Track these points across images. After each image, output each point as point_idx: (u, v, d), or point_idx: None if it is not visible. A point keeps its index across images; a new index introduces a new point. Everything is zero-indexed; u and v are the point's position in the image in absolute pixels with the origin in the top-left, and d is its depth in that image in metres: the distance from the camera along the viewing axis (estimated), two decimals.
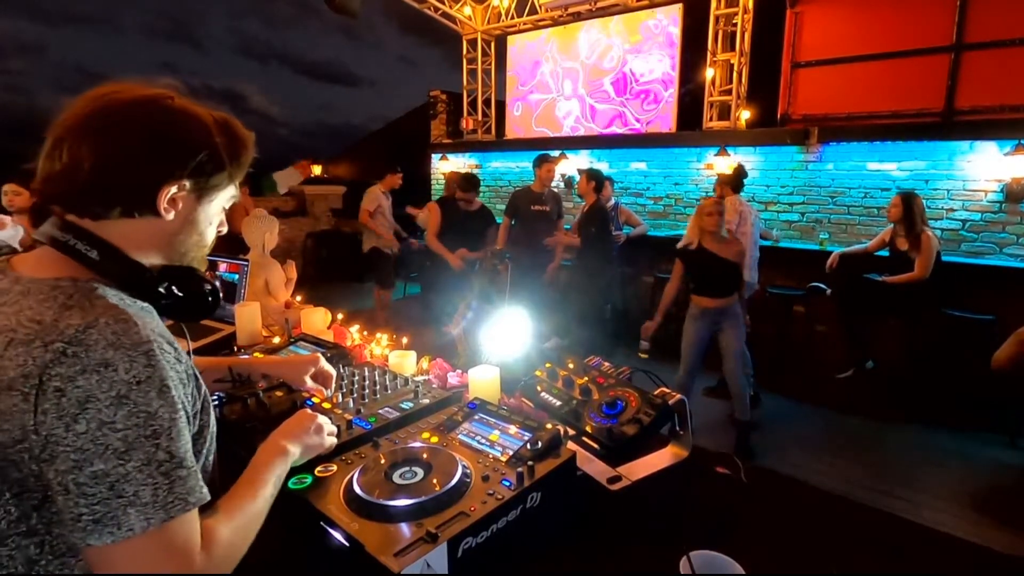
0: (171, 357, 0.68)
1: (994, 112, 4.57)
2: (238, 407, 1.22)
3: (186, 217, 0.76)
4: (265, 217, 2.52)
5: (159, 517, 0.61)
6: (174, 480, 0.63)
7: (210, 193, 0.78)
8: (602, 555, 0.98)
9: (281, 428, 0.93)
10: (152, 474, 0.62)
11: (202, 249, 0.82)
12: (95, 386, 0.60)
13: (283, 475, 0.85)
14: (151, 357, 0.64)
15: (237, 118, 0.80)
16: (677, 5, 6.20)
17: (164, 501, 0.62)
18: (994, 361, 2.18)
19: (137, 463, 0.61)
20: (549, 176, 4.70)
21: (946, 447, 3.39)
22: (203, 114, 0.75)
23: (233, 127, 0.78)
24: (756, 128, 5.86)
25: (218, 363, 1.22)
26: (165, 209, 0.73)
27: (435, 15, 7.52)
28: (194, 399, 0.73)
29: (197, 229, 0.79)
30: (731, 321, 3.22)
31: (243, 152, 0.80)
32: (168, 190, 0.72)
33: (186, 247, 0.79)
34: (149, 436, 0.62)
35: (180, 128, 0.72)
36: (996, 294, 3.90)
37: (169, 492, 0.62)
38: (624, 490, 1.08)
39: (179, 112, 0.73)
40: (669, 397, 1.18)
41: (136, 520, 0.60)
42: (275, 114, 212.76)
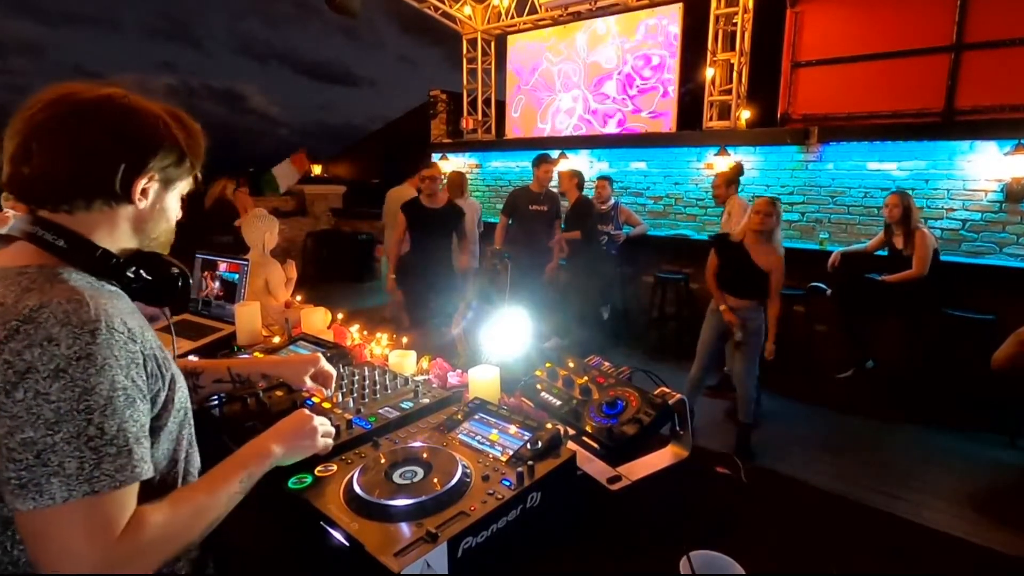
0: (123, 337, 0.70)
1: (994, 112, 4.57)
2: (238, 407, 1.22)
3: (154, 205, 0.83)
4: (265, 217, 2.52)
5: (81, 490, 0.63)
6: (103, 456, 0.65)
7: (175, 182, 0.84)
8: (602, 555, 0.97)
9: (274, 427, 0.93)
10: (80, 447, 0.64)
11: (169, 233, 0.88)
12: (36, 358, 0.63)
13: (258, 475, 0.85)
14: (96, 335, 0.67)
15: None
16: (677, 5, 6.20)
17: (89, 475, 0.64)
18: (994, 361, 2.18)
19: (65, 435, 0.63)
20: (547, 177, 4.70)
21: (946, 447, 3.39)
22: (158, 110, 0.80)
23: (184, 120, 0.84)
24: (756, 128, 5.86)
25: (218, 364, 1.22)
26: (139, 199, 0.79)
27: (435, 15, 7.52)
28: (155, 379, 0.75)
29: (165, 216, 0.86)
30: (748, 325, 3.19)
31: (199, 142, 0.86)
32: (141, 182, 0.78)
33: (157, 232, 0.86)
34: (82, 411, 0.64)
35: (145, 124, 0.78)
36: (996, 294, 3.90)
37: (96, 467, 0.64)
38: (624, 490, 1.08)
39: (140, 110, 0.78)
40: (669, 397, 1.18)
41: (57, 490, 0.62)
42: (275, 114, 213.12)
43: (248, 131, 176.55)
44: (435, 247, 3.99)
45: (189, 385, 1.16)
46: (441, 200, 4.05)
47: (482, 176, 7.92)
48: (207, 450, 0.91)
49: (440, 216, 3.99)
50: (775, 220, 3.08)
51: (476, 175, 7.90)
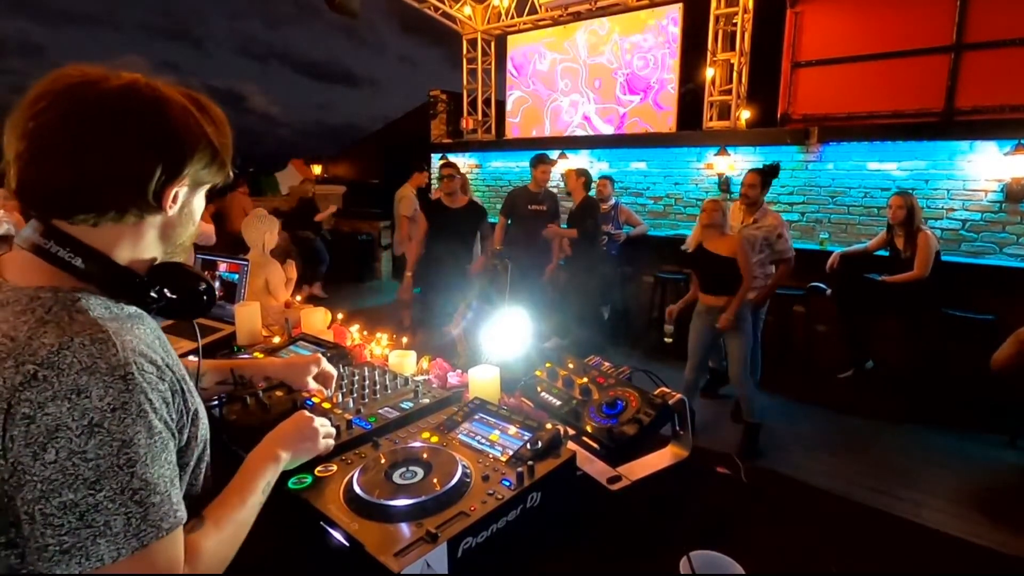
0: (153, 377, 0.65)
1: (994, 112, 4.57)
2: (238, 407, 1.22)
3: (183, 209, 0.75)
4: (265, 217, 2.52)
5: (131, 546, 0.59)
6: (148, 508, 0.61)
7: (204, 183, 0.77)
8: (602, 555, 0.97)
9: (276, 431, 0.92)
10: (125, 503, 0.59)
11: (192, 238, 0.81)
12: (66, 414, 0.57)
13: (273, 481, 0.85)
14: (129, 381, 0.61)
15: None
16: (677, 5, 6.20)
17: (137, 530, 0.60)
18: (993, 361, 2.18)
19: (109, 492, 0.58)
20: (545, 177, 4.69)
21: (946, 447, 3.39)
22: (184, 100, 0.71)
23: (210, 109, 0.75)
24: (756, 128, 5.86)
25: (220, 365, 1.22)
26: (169, 206, 0.71)
27: (435, 15, 7.52)
28: (181, 414, 0.70)
29: (192, 219, 0.78)
30: (738, 323, 3.19)
31: (227, 135, 0.76)
32: (174, 188, 0.70)
33: (183, 237, 0.78)
34: (123, 465, 0.60)
35: (179, 122, 0.69)
36: (996, 294, 3.90)
37: (143, 521, 0.60)
38: (624, 490, 1.08)
39: (170, 102, 0.69)
40: (669, 397, 1.18)
41: (106, 550, 0.58)
42: (275, 114, 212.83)
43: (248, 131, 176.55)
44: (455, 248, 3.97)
45: None
46: (462, 200, 4.04)
47: (482, 176, 7.92)
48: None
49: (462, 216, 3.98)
50: (720, 215, 3.18)
51: (476, 175, 7.90)
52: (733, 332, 3.20)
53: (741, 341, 3.19)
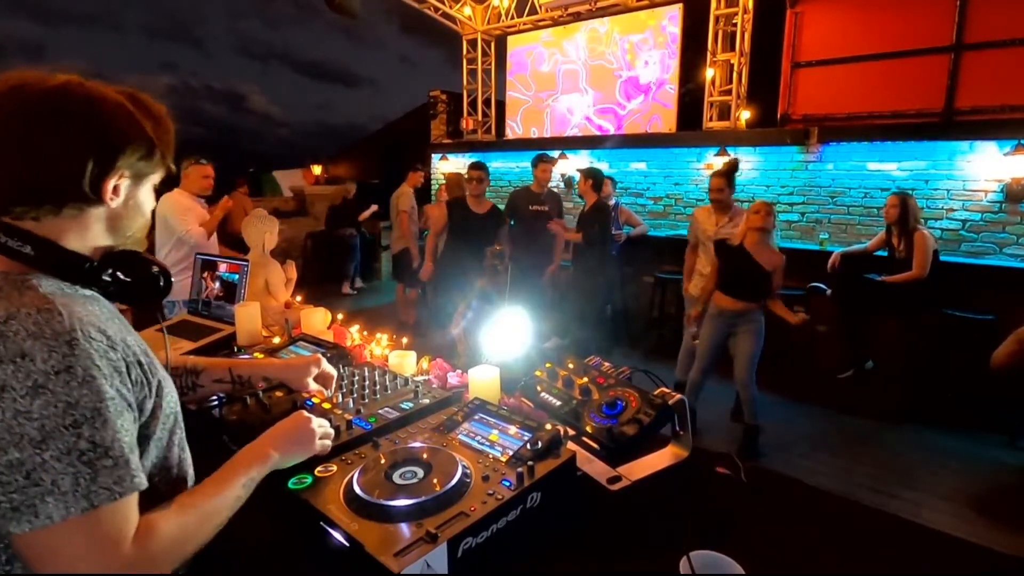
0: (102, 345, 0.67)
1: (994, 112, 4.57)
2: (238, 407, 1.22)
3: (128, 201, 0.78)
4: (265, 217, 2.52)
5: (80, 506, 0.61)
6: (98, 470, 0.63)
7: (146, 175, 0.79)
8: (602, 555, 0.97)
9: (272, 430, 0.92)
10: (72, 463, 0.61)
11: (144, 228, 0.84)
12: (11, 376, 0.60)
13: (258, 479, 0.84)
14: (74, 346, 0.64)
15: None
16: (677, 5, 6.20)
17: (87, 490, 0.62)
18: (993, 360, 2.18)
19: (55, 452, 0.61)
20: (545, 176, 4.69)
21: (946, 447, 3.39)
22: (120, 97, 0.75)
23: (149, 105, 0.78)
24: (756, 128, 5.86)
25: (219, 363, 1.22)
26: (110, 199, 0.74)
27: (435, 15, 7.53)
28: (140, 385, 0.72)
29: (140, 211, 0.81)
30: (748, 327, 3.17)
31: (168, 130, 0.80)
32: (111, 181, 0.73)
33: (132, 229, 0.81)
34: (69, 426, 0.62)
35: (111, 117, 0.72)
36: (996, 294, 3.90)
37: (92, 481, 0.62)
38: (624, 490, 1.08)
39: (102, 99, 0.73)
40: (669, 397, 1.18)
41: (54, 509, 0.60)
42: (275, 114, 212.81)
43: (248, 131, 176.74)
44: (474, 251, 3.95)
45: (188, 383, 1.16)
46: (487, 204, 4.03)
47: None
48: (207, 450, 0.91)
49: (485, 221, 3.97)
50: (773, 220, 3.10)
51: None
52: (745, 334, 3.18)
53: (752, 343, 3.17)
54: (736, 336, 3.23)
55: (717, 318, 3.27)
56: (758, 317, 3.18)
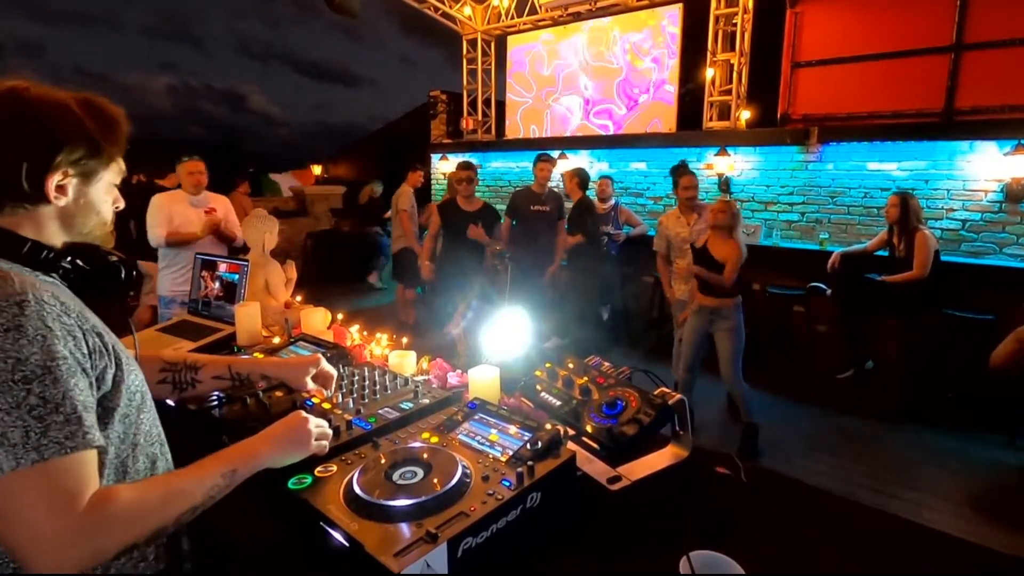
0: (55, 309, 0.70)
1: (994, 112, 4.57)
2: (238, 407, 1.22)
3: (77, 200, 0.80)
4: (265, 217, 2.52)
5: (30, 458, 0.63)
6: (49, 424, 0.65)
7: (95, 174, 0.81)
8: (602, 555, 0.98)
9: (269, 429, 0.93)
10: (22, 416, 0.63)
11: (103, 226, 0.85)
12: None
13: (244, 475, 0.84)
14: (24, 307, 0.67)
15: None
16: (677, 5, 6.20)
17: (36, 443, 0.63)
18: (993, 359, 2.18)
19: (4, 405, 0.63)
20: (545, 175, 4.69)
21: (946, 447, 3.39)
22: (66, 99, 0.77)
23: (99, 106, 0.80)
24: (756, 128, 5.86)
25: (219, 360, 1.22)
26: (55, 197, 0.76)
27: (435, 15, 7.52)
28: (99, 355, 0.74)
29: (94, 209, 0.82)
30: (723, 323, 3.21)
31: (115, 130, 0.81)
32: (52, 179, 0.75)
33: (87, 227, 0.83)
34: (18, 381, 0.64)
35: (50, 118, 0.75)
36: (996, 294, 3.90)
37: (43, 435, 0.64)
38: (624, 490, 1.08)
39: (43, 102, 0.75)
40: (669, 397, 1.18)
41: (4, 460, 0.62)
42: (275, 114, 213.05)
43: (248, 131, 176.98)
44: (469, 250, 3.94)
45: (187, 379, 1.17)
46: (477, 202, 4.02)
47: (482, 176, 7.90)
48: (207, 450, 0.91)
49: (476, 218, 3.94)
50: (728, 217, 3.15)
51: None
52: (723, 332, 3.21)
53: (731, 340, 3.20)
54: (716, 334, 3.26)
55: (696, 314, 3.33)
56: (733, 314, 3.21)
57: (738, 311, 3.22)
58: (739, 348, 3.22)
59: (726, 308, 3.20)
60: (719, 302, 3.20)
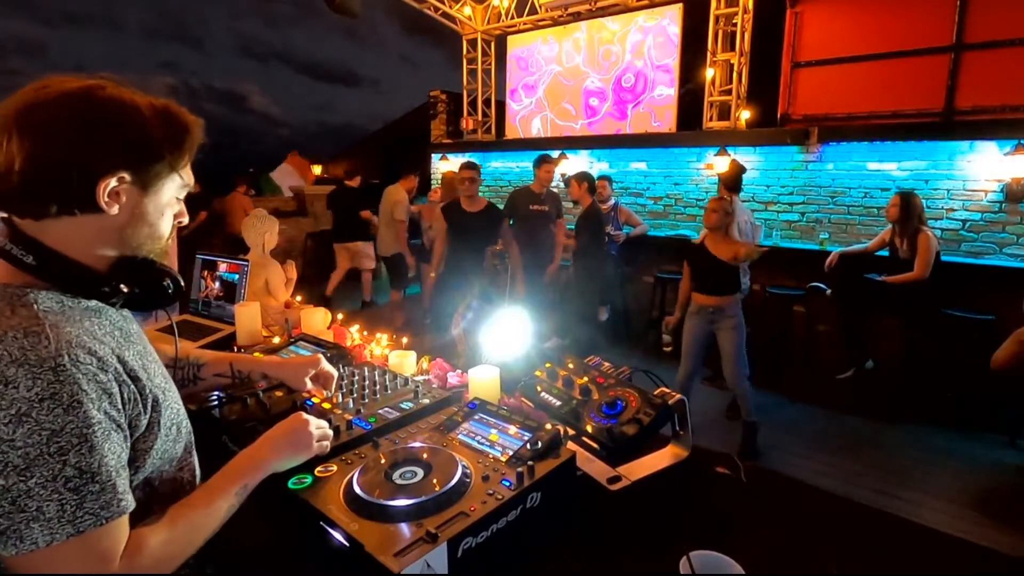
0: (91, 368, 0.66)
1: (994, 112, 4.57)
2: (238, 407, 1.22)
3: (132, 210, 0.75)
4: (265, 217, 2.52)
5: (65, 532, 0.62)
6: (85, 495, 0.63)
7: (154, 183, 0.76)
8: (602, 555, 0.97)
9: (269, 433, 0.92)
10: (58, 490, 0.62)
11: (157, 241, 0.80)
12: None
13: (253, 485, 0.85)
14: (59, 372, 0.63)
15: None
16: (677, 5, 6.20)
17: (72, 516, 0.62)
18: (993, 361, 2.18)
19: (40, 479, 0.61)
20: (548, 177, 4.68)
21: (946, 447, 3.39)
22: (139, 102, 0.73)
23: (174, 114, 0.76)
24: (756, 128, 5.86)
25: (221, 357, 1.23)
26: (107, 203, 0.71)
27: (435, 15, 7.52)
28: (133, 403, 0.72)
29: (147, 221, 0.77)
30: (727, 322, 3.21)
31: (184, 140, 0.77)
32: (106, 184, 0.70)
33: (139, 240, 0.77)
34: (54, 453, 0.62)
35: (111, 119, 0.71)
36: (996, 294, 3.90)
37: (79, 508, 0.63)
38: (624, 490, 1.08)
39: (109, 102, 0.71)
40: (669, 397, 1.18)
41: (40, 535, 0.61)
42: (275, 114, 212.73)
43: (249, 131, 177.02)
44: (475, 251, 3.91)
45: (190, 375, 1.17)
46: (481, 203, 3.97)
47: (482, 176, 7.92)
48: (207, 450, 0.91)
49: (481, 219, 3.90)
50: (720, 216, 3.15)
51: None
52: (725, 331, 3.21)
53: (734, 339, 3.20)
54: (719, 333, 3.26)
55: (696, 316, 3.31)
56: (735, 311, 3.21)
57: (739, 307, 3.23)
58: (743, 343, 3.23)
59: (728, 306, 3.20)
60: (720, 300, 3.20)
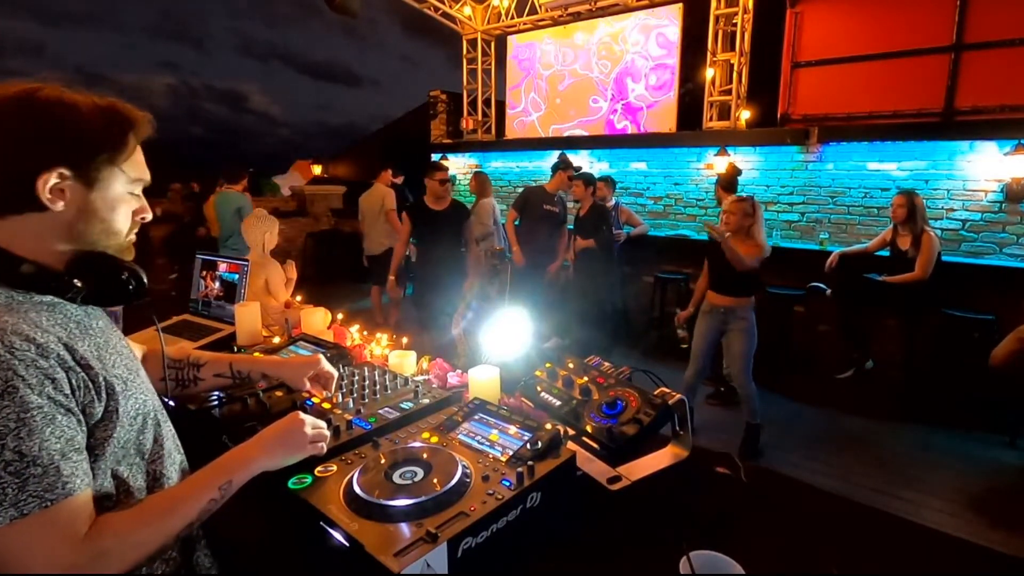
0: (28, 355, 0.67)
1: (994, 112, 4.57)
2: (238, 407, 1.22)
3: (79, 206, 0.75)
4: (265, 217, 2.52)
5: (8, 515, 0.63)
6: (27, 479, 0.64)
7: (98, 179, 0.76)
8: (602, 555, 0.97)
9: (262, 434, 0.92)
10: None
11: (114, 237, 0.80)
12: None
13: (241, 482, 0.84)
14: None
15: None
16: (677, 5, 6.20)
17: (15, 500, 0.63)
18: (993, 358, 2.17)
19: None
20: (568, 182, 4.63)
21: (946, 447, 3.39)
22: (78, 101, 0.74)
23: (117, 111, 0.77)
24: (756, 128, 5.86)
25: (221, 358, 1.23)
26: (50, 200, 0.72)
27: (435, 15, 7.52)
28: (85, 389, 0.72)
29: (97, 217, 0.77)
30: (737, 324, 3.17)
31: (126, 135, 0.77)
32: (45, 180, 0.71)
33: (92, 236, 0.77)
34: None
35: (47, 118, 0.71)
36: (996, 294, 3.90)
37: (20, 491, 0.63)
38: (624, 490, 1.08)
39: (45, 102, 0.72)
40: (669, 397, 1.18)
41: None
42: (276, 114, 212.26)
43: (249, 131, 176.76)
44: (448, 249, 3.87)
45: (190, 376, 1.17)
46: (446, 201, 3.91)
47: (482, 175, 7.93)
48: (207, 450, 0.91)
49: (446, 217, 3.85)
50: (738, 218, 3.09)
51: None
52: (736, 332, 3.18)
53: (743, 342, 3.17)
54: (728, 335, 3.24)
55: (708, 314, 3.29)
56: (747, 314, 3.18)
57: (752, 311, 3.20)
58: (751, 348, 3.19)
59: (741, 308, 3.17)
60: (734, 301, 3.17)
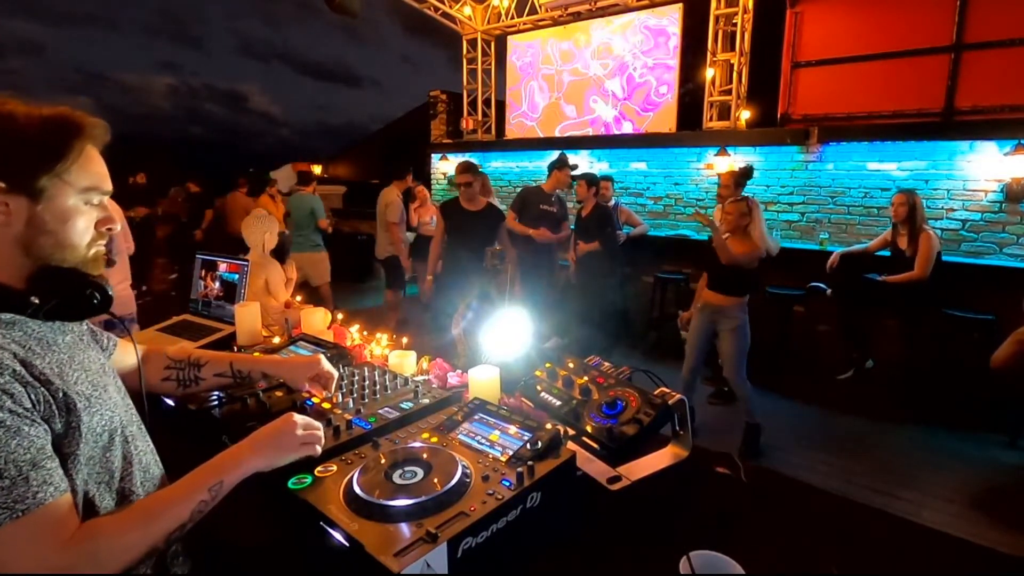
0: None
1: (994, 112, 4.57)
2: (238, 407, 1.22)
3: (27, 220, 0.74)
4: (265, 217, 2.52)
5: None
6: None
7: (42, 192, 0.74)
8: (602, 555, 0.97)
9: (254, 435, 0.92)
10: None
11: (71, 250, 0.78)
12: None
13: (232, 483, 0.85)
14: None
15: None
16: (677, 5, 6.20)
17: None
18: (993, 361, 2.18)
19: None
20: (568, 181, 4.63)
21: (946, 447, 3.39)
22: (16, 112, 0.73)
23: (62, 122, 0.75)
24: (756, 128, 5.86)
25: (221, 357, 1.23)
26: None
27: (435, 15, 7.53)
28: (46, 404, 0.71)
29: (46, 230, 0.75)
30: (727, 323, 3.19)
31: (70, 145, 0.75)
32: None
33: (46, 250, 0.76)
34: None
35: None
36: (996, 294, 3.90)
37: None
38: (624, 490, 1.08)
39: None
40: (669, 397, 1.18)
41: None
42: (276, 114, 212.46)
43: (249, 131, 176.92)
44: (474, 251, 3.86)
45: (191, 376, 1.18)
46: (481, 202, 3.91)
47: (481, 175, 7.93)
48: (207, 450, 0.91)
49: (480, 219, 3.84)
50: (735, 218, 3.11)
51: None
52: (727, 333, 3.20)
53: (734, 340, 3.18)
54: (719, 333, 3.25)
55: (701, 311, 3.32)
56: (737, 314, 3.18)
57: (743, 311, 3.20)
58: (742, 348, 3.20)
59: (731, 307, 3.18)
60: (725, 300, 3.18)
